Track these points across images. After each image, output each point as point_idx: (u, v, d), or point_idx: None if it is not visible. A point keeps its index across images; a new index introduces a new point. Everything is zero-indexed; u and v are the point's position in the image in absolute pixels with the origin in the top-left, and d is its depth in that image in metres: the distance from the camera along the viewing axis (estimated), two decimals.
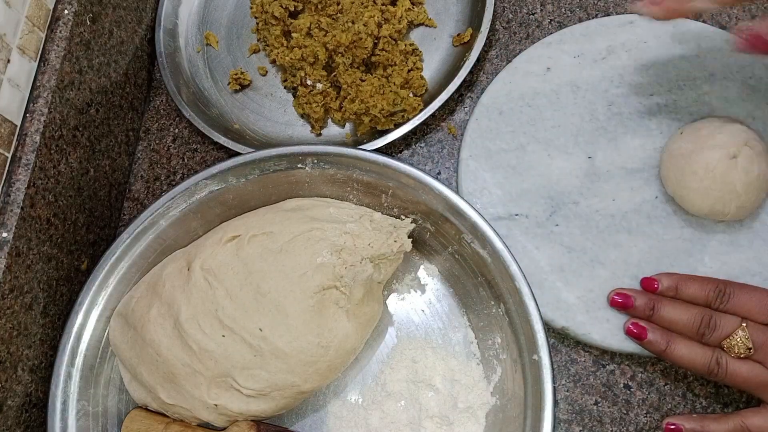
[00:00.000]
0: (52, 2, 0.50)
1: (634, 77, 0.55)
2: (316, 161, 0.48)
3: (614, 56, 0.56)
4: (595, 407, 0.49)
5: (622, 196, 0.52)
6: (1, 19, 0.44)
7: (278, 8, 0.58)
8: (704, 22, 0.58)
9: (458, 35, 0.59)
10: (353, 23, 0.56)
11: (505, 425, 0.45)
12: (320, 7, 0.58)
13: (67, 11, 0.50)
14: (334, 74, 0.57)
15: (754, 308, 0.43)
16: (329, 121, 0.59)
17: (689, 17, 0.49)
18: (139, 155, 0.62)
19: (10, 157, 0.45)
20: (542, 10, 0.61)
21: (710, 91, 0.54)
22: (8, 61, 0.45)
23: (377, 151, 0.50)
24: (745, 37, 0.44)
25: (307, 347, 0.43)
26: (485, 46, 0.57)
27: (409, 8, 0.59)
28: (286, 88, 0.61)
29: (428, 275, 0.52)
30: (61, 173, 0.49)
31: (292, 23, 0.58)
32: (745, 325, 0.43)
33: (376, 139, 0.54)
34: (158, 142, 0.62)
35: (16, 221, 0.43)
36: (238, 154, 0.50)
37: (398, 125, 0.55)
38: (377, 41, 0.57)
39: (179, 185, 0.48)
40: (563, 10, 0.61)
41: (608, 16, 0.59)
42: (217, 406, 0.43)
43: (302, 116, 0.60)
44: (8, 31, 0.45)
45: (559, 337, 0.50)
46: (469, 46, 0.57)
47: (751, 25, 0.44)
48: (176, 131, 0.62)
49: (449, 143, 0.58)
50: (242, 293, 0.44)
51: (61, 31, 0.49)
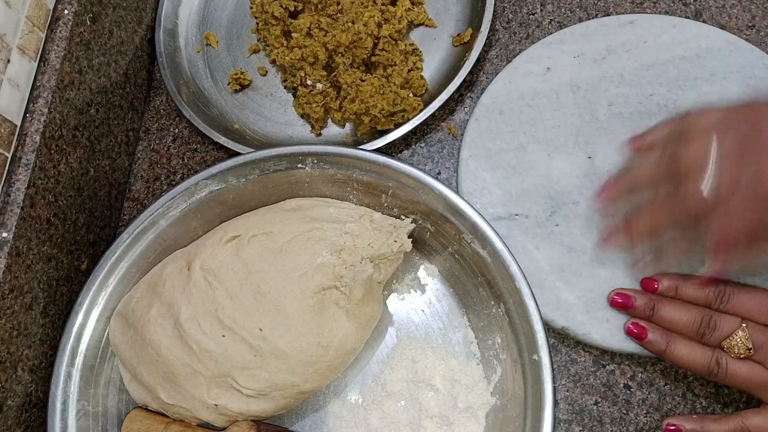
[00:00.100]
0: (52, 2, 0.50)
1: (634, 77, 0.55)
2: (316, 161, 0.48)
3: (614, 56, 0.56)
4: (595, 407, 0.48)
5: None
6: (1, 19, 0.44)
7: (278, 8, 0.58)
8: (704, 22, 0.58)
9: (458, 35, 0.59)
10: (353, 23, 0.56)
11: (505, 425, 0.45)
12: (320, 7, 0.58)
13: (67, 11, 0.50)
14: (334, 74, 0.57)
15: (753, 309, 0.43)
16: (329, 121, 0.59)
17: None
18: (139, 155, 0.62)
19: (10, 157, 0.45)
20: (542, 10, 0.61)
21: (710, 91, 0.54)
22: (8, 61, 0.45)
23: (377, 151, 0.50)
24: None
25: (307, 347, 0.43)
26: (485, 46, 0.57)
27: (409, 8, 0.59)
28: (286, 88, 0.61)
29: (428, 275, 0.52)
30: (61, 173, 0.49)
31: (292, 23, 0.58)
32: (745, 325, 0.43)
33: (376, 139, 0.54)
34: (158, 142, 0.62)
35: (16, 221, 0.43)
36: (238, 154, 0.50)
37: (398, 125, 0.55)
38: (377, 41, 0.57)
39: (179, 185, 0.48)
40: (563, 10, 0.61)
41: (608, 16, 0.59)
42: (217, 406, 0.44)
43: (302, 116, 0.60)
44: (8, 31, 0.45)
45: (559, 337, 0.50)
46: (469, 46, 0.57)
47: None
48: (176, 131, 0.62)
49: (449, 143, 0.58)
50: (242, 293, 0.44)
51: (61, 31, 0.49)
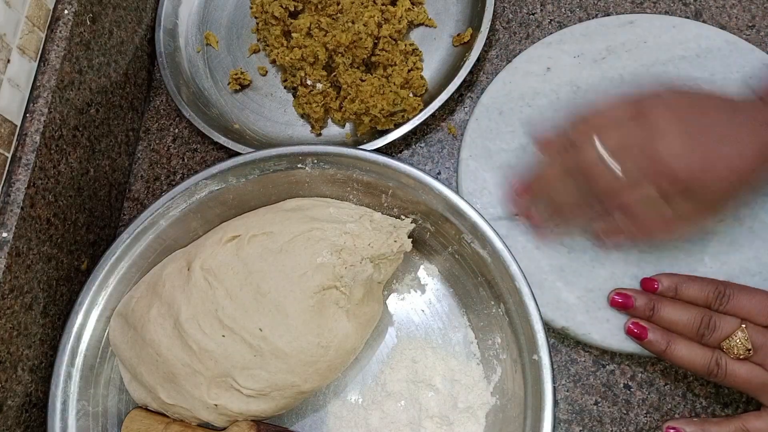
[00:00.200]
0: (52, 2, 0.50)
1: (634, 77, 0.55)
2: (316, 161, 0.48)
3: (614, 56, 0.56)
4: (595, 407, 0.48)
5: None
6: (1, 19, 0.44)
7: (278, 8, 0.58)
8: (704, 22, 0.58)
9: (458, 35, 0.59)
10: (353, 23, 0.56)
11: (505, 425, 0.45)
12: (320, 7, 0.58)
13: (67, 11, 0.50)
14: (334, 74, 0.57)
15: (753, 310, 0.43)
16: (329, 121, 0.59)
17: None
18: (139, 155, 0.62)
19: (10, 157, 0.45)
20: (542, 10, 0.61)
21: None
22: (8, 61, 0.45)
23: (377, 151, 0.50)
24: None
25: (307, 347, 0.43)
26: (485, 46, 0.57)
27: (409, 8, 0.59)
28: (286, 88, 0.61)
29: (428, 275, 0.52)
30: (61, 173, 0.49)
31: (292, 23, 0.58)
32: (744, 326, 0.43)
33: (376, 139, 0.54)
34: (158, 142, 0.62)
35: (16, 221, 0.43)
36: (238, 154, 0.50)
37: (398, 125, 0.55)
38: (377, 41, 0.57)
39: (179, 185, 0.48)
40: (563, 10, 0.61)
41: (608, 16, 0.59)
42: (217, 406, 0.44)
43: (302, 116, 0.60)
44: (8, 31, 0.45)
45: (559, 337, 0.50)
46: (469, 46, 0.57)
47: None
48: (176, 131, 0.62)
49: (449, 143, 0.57)
50: (242, 293, 0.44)
51: (61, 31, 0.49)
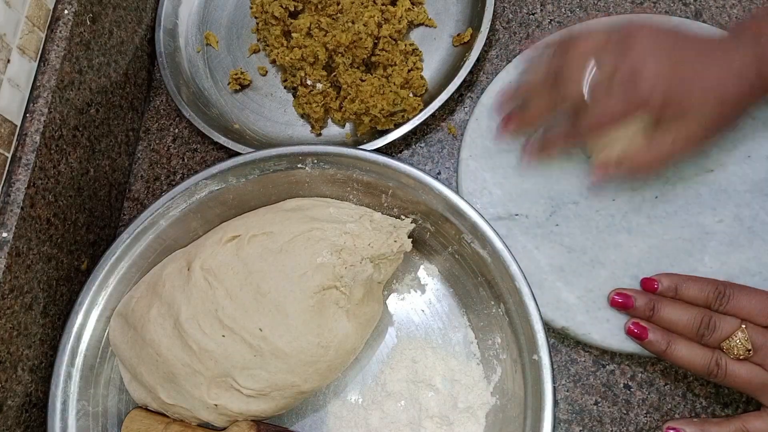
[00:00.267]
0: (52, 2, 0.50)
1: None
2: (316, 161, 0.48)
3: None
4: (595, 407, 0.48)
5: (622, 196, 0.52)
6: (1, 19, 0.44)
7: (278, 8, 0.58)
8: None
9: (458, 35, 0.59)
10: (353, 23, 0.56)
11: (505, 425, 0.45)
12: (320, 7, 0.58)
13: (67, 11, 0.50)
14: (334, 74, 0.57)
15: (753, 310, 0.43)
16: (329, 121, 0.59)
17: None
18: (139, 155, 0.62)
19: (10, 157, 0.45)
20: (542, 10, 0.61)
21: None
22: (8, 61, 0.45)
23: (377, 151, 0.50)
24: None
25: (307, 347, 0.43)
26: (485, 46, 0.57)
27: (409, 8, 0.59)
28: (286, 88, 0.61)
29: (428, 275, 0.52)
30: (61, 173, 0.49)
31: (292, 23, 0.58)
32: (744, 326, 0.43)
33: (376, 139, 0.54)
34: (158, 142, 0.62)
35: (16, 221, 0.43)
36: (238, 154, 0.50)
37: (398, 125, 0.55)
38: (377, 41, 0.57)
39: (179, 185, 0.48)
40: (563, 10, 0.61)
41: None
42: (217, 406, 0.44)
43: (302, 116, 0.60)
44: (8, 31, 0.45)
45: (559, 337, 0.50)
46: (469, 46, 0.57)
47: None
48: (176, 131, 0.62)
49: (449, 143, 0.57)
50: (242, 293, 0.44)
51: (61, 31, 0.49)
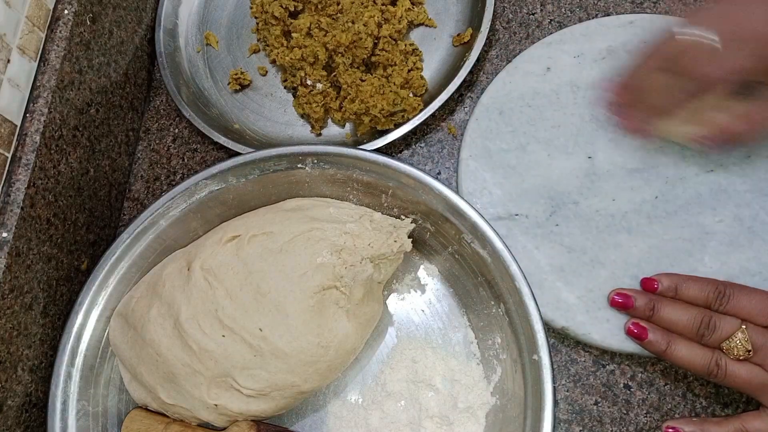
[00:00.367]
0: (52, 2, 0.50)
1: None
2: (316, 161, 0.48)
3: (614, 56, 0.56)
4: (595, 407, 0.49)
5: (622, 196, 0.52)
6: (1, 19, 0.44)
7: (278, 8, 0.58)
8: None
9: (458, 35, 0.59)
10: (353, 23, 0.56)
11: (505, 425, 0.45)
12: (320, 7, 0.58)
13: (67, 11, 0.50)
14: (334, 74, 0.57)
15: (753, 310, 0.43)
16: (329, 121, 0.59)
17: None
18: (139, 155, 0.62)
19: (10, 157, 0.45)
20: (542, 10, 0.61)
21: None
22: (8, 61, 0.45)
23: (377, 151, 0.50)
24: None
25: (307, 347, 0.43)
26: (485, 46, 0.57)
27: (409, 8, 0.59)
28: (286, 88, 0.61)
29: (428, 275, 0.52)
30: (61, 173, 0.49)
31: (292, 23, 0.58)
32: (744, 327, 0.43)
33: (376, 139, 0.54)
34: (158, 142, 0.62)
35: (16, 221, 0.43)
36: (238, 154, 0.50)
37: (398, 125, 0.55)
38: (377, 41, 0.57)
39: (179, 185, 0.48)
40: (563, 10, 0.61)
41: (608, 16, 0.59)
42: (217, 406, 0.44)
43: (302, 116, 0.60)
44: (8, 31, 0.45)
45: (559, 337, 0.50)
46: (469, 46, 0.57)
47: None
48: (176, 131, 0.62)
49: (449, 143, 0.57)
50: (242, 293, 0.44)
51: (61, 31, 0.49)
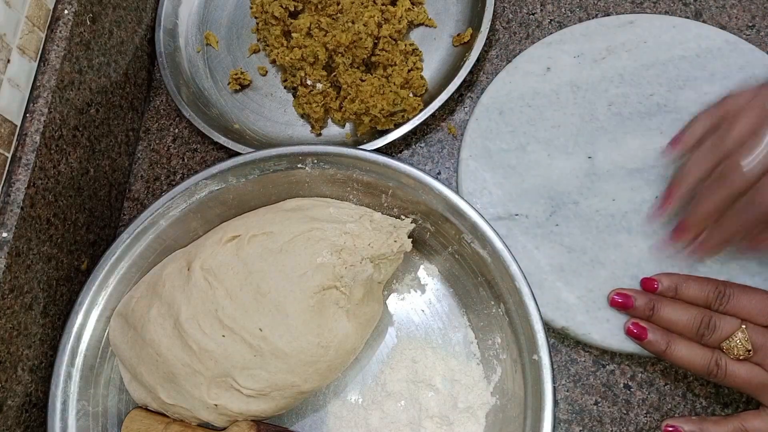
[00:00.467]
0: (52, 2, 0.50)
1: (634, 77, 0.55)
2: (316, 161, 0.48)
3: (614, 56, 0.56)
4: (595, 407, 0.49)
5: (622, 196, 0.52)
6: (1, 19, 0.44)
7: (278, 8, 0.58)
8: (704, 22, 0.58)
9: (458, 35, 0.59)
10: (353, 23, 0.56)
11: (505, 425, 0.45)
12: (320, 7, 0.58)
13: (67, 11, 0.50)
14: (334, 74, 0.57)
15: (753, 310, 0.43)
16: (329, 121, 0.59)
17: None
18: (139, 155, 0.62)
19: (10, 157, 0.45)
20: (542, 10, 0.61)
21: (710, 91, 0.53)
22: (8, 61, 0.45)
23: (377, 151, 0.50)
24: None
25: (307, 347, 0.43)
26: (485, 46, 0.57)
27: (409, 8, 0.59)
28: (286, 88, 0.61)
29: (428, 275, 0.52)
30: (61, 173, 0.49)
31: (292, 23, 0.58)
32: (744, 327, 0.43)
33: (376, 139, 0.54)
34: (158, 142, 0.62)
35: (16, 221, 0.43)
36: (238, 154, 0.50)
37: (398, 125, 0.55)
38: (377, 41, 0.57)
39: (179, 185, 0.48)
40: (563, 10, 0.61)
41: (608, 16, 0.59)
42: (217, 406, 0.44)
43: (302, 116, 0.60)
44: (8, 31, 0.45)
45: (559, 337, 0.50)
46: (469, 46, 0.57)
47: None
48: (176, 131, 0.62)
49: (449, 143, 0.57)
50: (242, 293, 0.44)
51: (61, 31, 0.49)
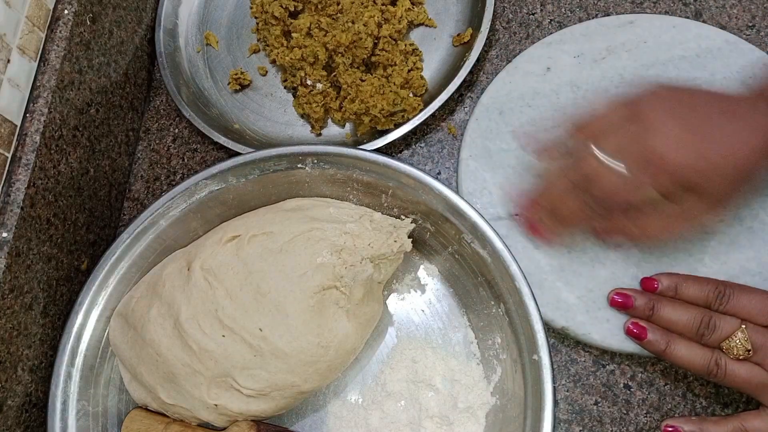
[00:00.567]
0: (52, 2, 0.50)
1: (634, 77, 0.55)
2: (316, 161, 0.48)
3: (614, 56, 0.56)
4: (595, 407, 0.49)
5: None
6: (1, 19, 0.44)
7: (278, 8, 0.58)
8: (704, 22, 0.58)
9: (458, 35, 0.59)
10: (353, 23, 0.56)
11: (505, 425, 0.45)
12: (320, 7, 0.58)
13: (67, 11, 0.50)
14: (334, 74, 0.57)
15: (753, 310, 0.43)
16: (329, 121, 0.59)
17: None
18: (139, 155, 0.62)
19: (10, 157, 0.45)
20: (542, 10, 0.61)
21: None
22: (8, 61, 0.45)
23: (377, 151, 0.50)
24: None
25: (307, 347, 0.43)
26: (485, 46, 0.57)
27: (409, 8, 0.59)
28: (286, 88, 0.61)
29: (428, 275, 0.52)
30: (61, 173, 0.49)
31: (292, 23, 0.58)
32: (744, 326, 0.43)
33: (376, 139, 0.54)
34: (158, 142, 0.62)
35: (16, 221, 0.43)
36: (238, 154, 0.50)
37: (398, 125, 0.55)
38: (377, 41, 0.57)
39: (179, 185, 0.48)
40: (563, 10, 0.61)
41: (608, 16, 0.59)
42: (217, 406, 0.44)
43: (302, 116, 0.60)
44: (8, 31, 0.45)
45: (559, 337, 0.50)
46: (469, 46, 0.57)
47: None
48: (176, 131, 0.62)
49: (449, 143, 0.57)
50: (242, 293, 0.44)
51: (61, 31, 0.49)
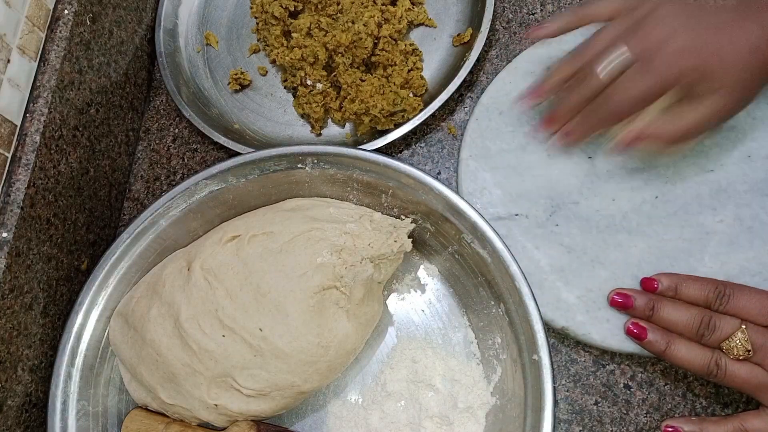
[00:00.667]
0: (52, 2, 0.50)
1: None
2: (316, 161, 0.48)
3: None
4: (595, 407, 0.49)
5: (622, 196, 0.52)
6: (1, 19, 0.44)
7: (278, 8, 0.58)
8: None
9: (458, 35, 0.59)
10: (353, 23, 0.56)
11: (505, 425, 0.45)
12: (320, 7, 0.58)
13: (67, 11, 0.50)
14: (334, 74, 0.57)
15: (753, 310, 0.43)
16: (329, 121, 0.59)
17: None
18: (139, 155, 0.62)
19: (10, 157, 0.45)
20: (542, 10, 0.61)
21: None
22: (8, 61, 0.45)
23: (377, 151, 0.50)
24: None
25: (307, 347, 0.43)
26: (485, 46, 0.57)
27: (409, 8, 0.59)
28: (286, 88, 0.61)
29: (428, 275, 0.52)
30: (61, 173, 0.49)
31: (292, 23, 0.58)
32: (744, 327, 0.43)
33: (376, 139, 0.54)
34: (158, 142, 0.62)
35: (16, 221, 0.43)
36: (238, 154, 0.50)
37: (398, 125, 0.55)
38: (377, 41, 0.57)
39: (179, 185, 0.48)
40: (563, 10, 0.61)
41: None
42: (217, 406, 0.44)
43: (302, 116, 0.60)
44: (8, 31, 0.45)
45: (559, 337, 0.50)
46: (469, 46, 0.57)
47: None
48: (176, 131, 0.62)
49: (449, 143, 0.57)
50: (242, 293, 0.44)
51: (61, 31, 0.49)
